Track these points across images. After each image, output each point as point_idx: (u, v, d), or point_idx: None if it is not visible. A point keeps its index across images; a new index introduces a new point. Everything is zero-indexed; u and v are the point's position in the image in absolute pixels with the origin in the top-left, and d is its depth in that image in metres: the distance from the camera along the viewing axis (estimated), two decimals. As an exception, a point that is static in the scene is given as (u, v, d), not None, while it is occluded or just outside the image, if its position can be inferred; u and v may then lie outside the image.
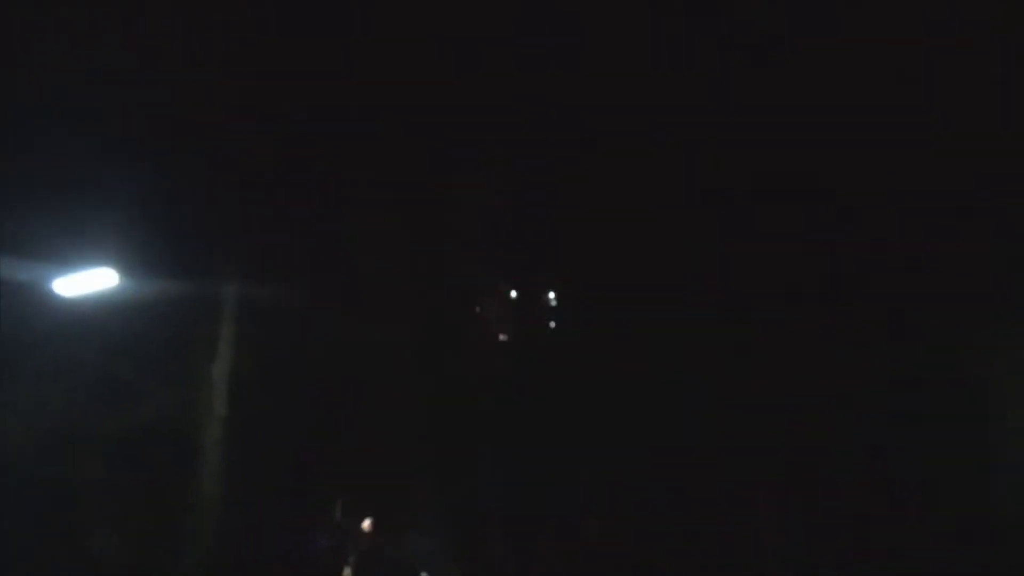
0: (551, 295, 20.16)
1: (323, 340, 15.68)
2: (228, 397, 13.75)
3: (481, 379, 20.80)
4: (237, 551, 13.94)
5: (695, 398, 16.09)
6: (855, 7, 13.26)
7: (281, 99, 12.67)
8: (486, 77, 15.11)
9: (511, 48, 14.85)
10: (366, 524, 19.41)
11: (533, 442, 21.97)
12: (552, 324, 20.55)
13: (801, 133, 14.08)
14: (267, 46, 12.03)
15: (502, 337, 20.86)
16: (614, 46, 14.33)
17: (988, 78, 12.59)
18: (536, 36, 14.64)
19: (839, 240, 14.33)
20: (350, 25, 13.06)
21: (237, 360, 13.79)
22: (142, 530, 12.90)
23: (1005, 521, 12.48)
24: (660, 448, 16.74)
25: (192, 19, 11.28)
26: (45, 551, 11.75)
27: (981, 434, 13.10)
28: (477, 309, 20.13)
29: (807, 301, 14.69)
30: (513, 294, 20.41)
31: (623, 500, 18.32)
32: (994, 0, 12.31)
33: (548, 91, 15.14)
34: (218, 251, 13.22)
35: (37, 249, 11.04)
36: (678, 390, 16.29)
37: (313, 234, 14.61)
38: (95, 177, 11.51)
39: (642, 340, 16.54)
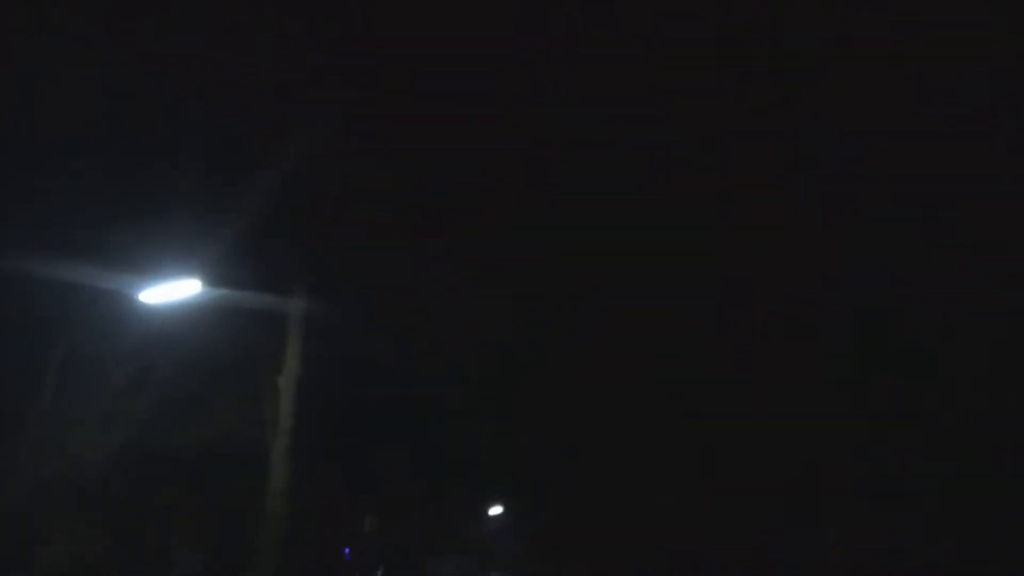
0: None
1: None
2: (293, 410, 13.88)
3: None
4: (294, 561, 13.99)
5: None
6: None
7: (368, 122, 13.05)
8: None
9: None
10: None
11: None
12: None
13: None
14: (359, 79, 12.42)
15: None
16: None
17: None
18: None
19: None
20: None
21: (304, 373, 13.95)
22: (214, 542, 12.89)
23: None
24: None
25: (283, 46, 11.68)
26: (119, 562, 11.74)
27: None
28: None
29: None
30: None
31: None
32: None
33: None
34: (297, 265, 13.51)
35: (125, 260, 11.28)
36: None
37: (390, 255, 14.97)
38: (181, 190, 11.79)
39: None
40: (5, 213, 10.72)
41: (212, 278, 11.71)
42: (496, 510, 31.07)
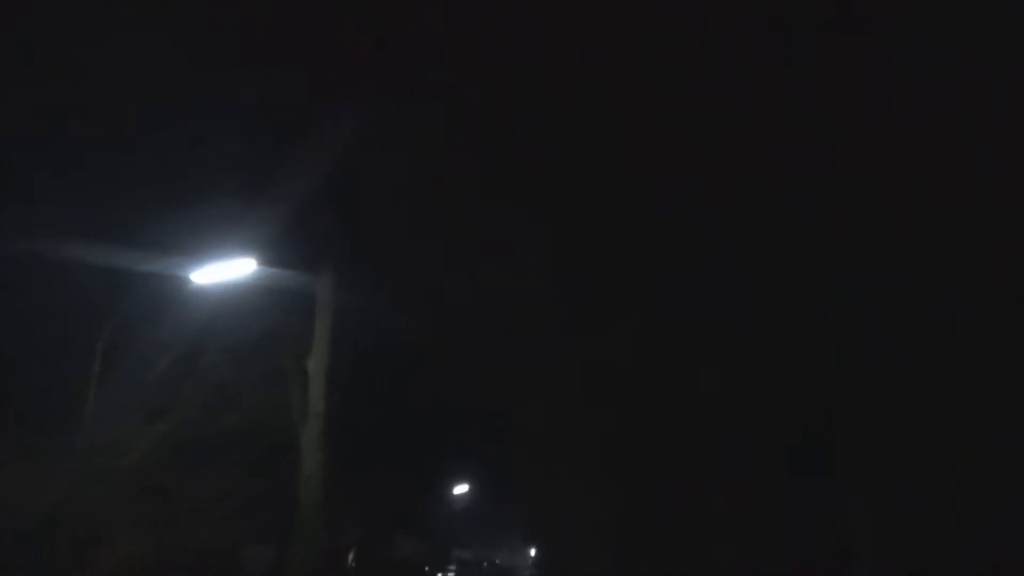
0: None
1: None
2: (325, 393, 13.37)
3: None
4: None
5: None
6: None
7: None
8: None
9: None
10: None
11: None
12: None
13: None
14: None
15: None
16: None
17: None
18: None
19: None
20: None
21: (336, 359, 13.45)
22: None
23: None
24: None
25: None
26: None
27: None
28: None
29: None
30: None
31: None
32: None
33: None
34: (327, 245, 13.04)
35: (178, 241, 10.65)
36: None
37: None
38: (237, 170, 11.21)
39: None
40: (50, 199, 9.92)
41: (263, 258, 11.21)
42: (461, 488, 31.02)
